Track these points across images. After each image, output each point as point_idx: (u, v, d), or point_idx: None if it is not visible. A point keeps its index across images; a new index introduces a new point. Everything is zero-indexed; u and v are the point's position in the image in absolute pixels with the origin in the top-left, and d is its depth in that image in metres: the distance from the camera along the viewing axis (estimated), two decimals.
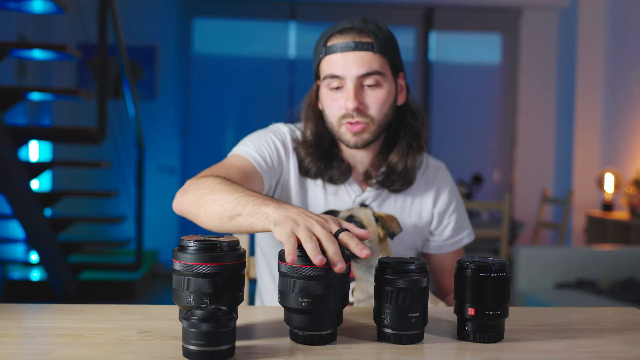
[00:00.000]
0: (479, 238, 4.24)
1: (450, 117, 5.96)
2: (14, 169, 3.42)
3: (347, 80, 1.33)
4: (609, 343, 0.97)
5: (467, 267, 0.95)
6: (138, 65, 5.73)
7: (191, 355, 0.82)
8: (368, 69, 1.33)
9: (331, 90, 1.36)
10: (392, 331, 0.93)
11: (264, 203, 1.02)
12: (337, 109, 1.35)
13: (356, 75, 1.33)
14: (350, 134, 1.35)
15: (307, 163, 1.40)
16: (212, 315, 0.82)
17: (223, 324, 0.82)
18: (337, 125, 1.37)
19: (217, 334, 0.81)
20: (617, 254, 3.66)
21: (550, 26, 5.97)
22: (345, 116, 1.34)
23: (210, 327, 0.81)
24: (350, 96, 1.32)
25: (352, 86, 1.33)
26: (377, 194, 1.43)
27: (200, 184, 1.17)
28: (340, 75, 1.33)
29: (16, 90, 3.82)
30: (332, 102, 1.36)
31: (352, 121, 1.34)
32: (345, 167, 1.41)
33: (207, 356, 0.82)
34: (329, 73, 1.35)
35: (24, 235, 3.93)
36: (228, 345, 0.83)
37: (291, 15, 5.91)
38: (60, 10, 3.31)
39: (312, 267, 0.89)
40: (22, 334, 0.98)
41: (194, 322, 0.81)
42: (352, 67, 1.32)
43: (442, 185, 1.48)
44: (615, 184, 5.02)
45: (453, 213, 1.48)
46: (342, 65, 1.33)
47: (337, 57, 1.33)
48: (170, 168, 5.84)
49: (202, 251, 0.90)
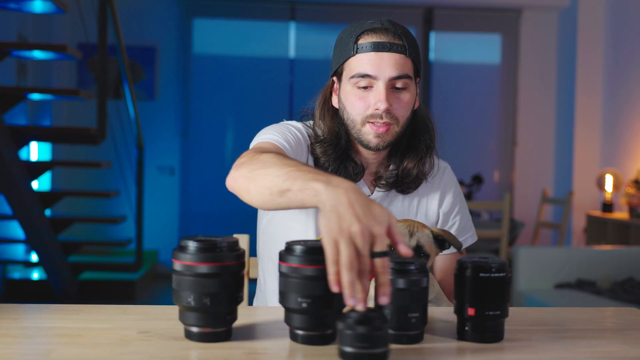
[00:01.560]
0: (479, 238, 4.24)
1: (450, 117, 5.95)
2: (15, 169, 3.42)
3: (380, 80, 1.31)
4: (609, 343, 0.97)
5: (467, 267, 0.95)
6: (138, 65, 5.72)
7: (347, 356, 0.83)
8: (400, 71, 1.32)
9: (358, 89, 1.34)
10: (392, 331, 0.93)
11: (314, 178, 0.95)
12: (364, 108, 1.33)
13: (389, 77, 1.31)
14: (374, 134, 1.34)
15: (322, 161, 1.39)
16: (367, 318, 0.82)
17: (378, 326, 0.82)
18: (360, 123, 1.34)
19: (372, 337, 0.82)
20: (617, 254, 3.66)
21: (550, 26, 5.97)
22: (372, 116, 1.33)
23: (366, 329, 0.82)
24: (382, 97, 1.31)
25: (384, 87, 1.31)
26: (385, 194, 1.42)
27: (254, 158, 1.12)
28: (374, 74, 1.31)
29: (16, 90, 3.82)
30: (358, 100, 1.34)
31: (379, 122, 1.33)
32: (359, 168, 1.40)
33: (365, 358, 0.82)
34: (359, 72, 1.32)
35: (24, 235, 3.93)
36: (383, 349, 0.83)
37: (291, 15, 5.91)
38: (60, 10, 3.31)
39: (312, 268, 0.89)
40: (22, 334, 0.98)
41: (350, 324, 0.82)
42: (386, 68, 1.31)
43: (448, 186, 1.48)
44: (615, 184, 5.02)
45: (458, 214, 1.49)
46: (375, 65, 1.31)
47: (371, 56, 1.32)
48: (170, 168, 5.84)
49: (202, 251, 0.90)
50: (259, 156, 1.11)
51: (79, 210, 5.32)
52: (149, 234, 5.40)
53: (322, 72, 1.50)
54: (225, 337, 0.94)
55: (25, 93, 3.62)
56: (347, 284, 0.83)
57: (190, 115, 5.91)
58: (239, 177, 1.11)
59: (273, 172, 1.04)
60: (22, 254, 5.00)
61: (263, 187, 1.05)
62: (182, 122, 5.90)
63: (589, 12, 5.53)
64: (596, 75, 5.57)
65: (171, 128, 5.83)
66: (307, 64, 5.87)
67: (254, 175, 1.07)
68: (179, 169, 5.86)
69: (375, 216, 0.87)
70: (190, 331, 0.93)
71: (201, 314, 0.91)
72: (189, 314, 0.92)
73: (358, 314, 0.83)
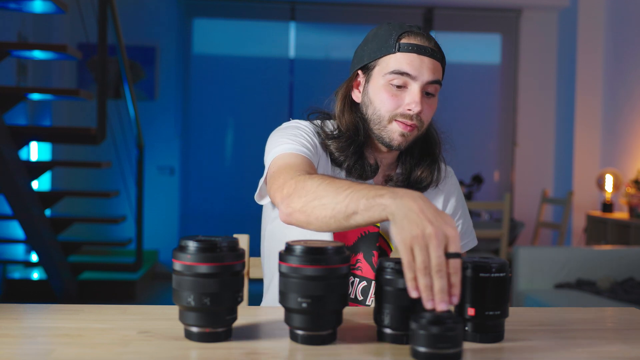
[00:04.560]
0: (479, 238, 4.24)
1: (450, 117, 5.95)
2: (15, 169, 3.42)
3: (417, 82, 1.33)
4: (609, 343, 0.97)
5: (467, 267, 0.95)
6: (138, 65, 5.72)
7: (420, 356, 0.84)
8: (436, 77, 1.35)
9: (392, 86, 1.34)
10: (392, 331, 0.93)
11: (377, 194, 0.97)
12: (394, 106, 1.34)
13: (427, 80, 1.33)
14: (400, 132, 1.34)
15: (337, 156, 1.38)
16: (440, 318, 0.84)
17: (451, 327, 0.84)
18: (387, 120, 1.35)
19: (445, 337, 0.83)
20: (617, 254, 3.66)
21: (550, 26, 5.97)
22: (403, 115, 1.34)
23: (439, 330, 0.83)
24: (418, 99, 1.33)
25: (419, 89, 1.33)
26: None
27: (300, 187, 1.11)
28: (413, 75, 1.33)
29: (16, 90, 3.82)
30: (390, 97, 1.34)
31: (408, 122, 1.34)
32: (374, 167, 1.41)
33: (438, 358, 0.83)
34: (398, 69, 1.33)
35: (24, 235, 3.93)
36: (457, 349, 0.85)
37: (291, 16, 5.91)
38: (60, 10, 3.31)
39: (312, 268, 0.89)
40: (22, 334, 0.98)
41: (423, 324, 0.84)
42: (426, 72, 1.33)
43: (452, 190, 1.50)
44: (615, 184, 5.02)
45: (460, 218, 1.50)
46: (417, 66, 1.33)
47: (413, 57, 1.33)
48: (170, 168, 5.84)
49: (202, 251, 0.90)
50: (304, 184, 1.11)
51: (79, 210, 5.32)
52: (149, 234, 5.40)
53: (322, 72, 1.51)
54: (225, 337, 0.94)
55: (25, 93, 3.62)
56: (424, 288, 0.86)
57: (190, 115, 5.91)
58: (295, 213, 1.10)
59: (331, 200, 1.04)
60: (22, 254, 5.00)
61: (326, 218, 1.05)
62: (182, 122, 5.90)
63: (589, 12, 5.53)
64: (596, 75, 5.57)
65: (171, 128, 5.83)
66: (307, 64, 5.87)
67: (311, 208, 1.07)
68: (179, 169, 5.86)
69: (445, 219, 0.90)
70: (190, 331, 0.93)
71: (201, 314, 0.91)
72: (189, 314, 0.92)
73: (431, 315, 0.84)
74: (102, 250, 5.53)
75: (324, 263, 0.89)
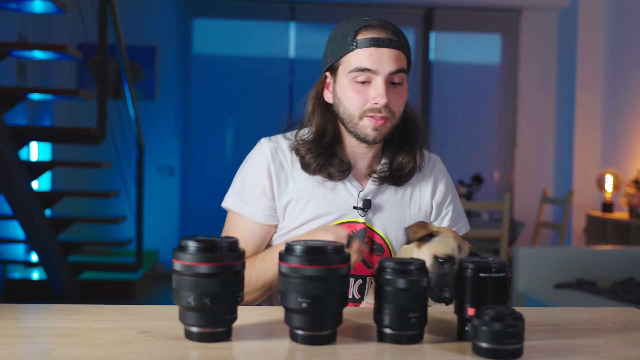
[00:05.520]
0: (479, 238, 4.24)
1: (450, 117, 5.95)
2: (14, 169, 3.42)
3: (379, 75, 1.34)
4: (609, 343, 0.97)
5: (467, 267, 0.95)
6: (138, 65, 5.72)
7: (482, 352, 0.86)
8: (398, 66, 1.35)
9: (356, 83, 1.36)
10: (392, 331, 0.93)
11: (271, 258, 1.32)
12: (362, 102, 1.36)
13: (389, 72, 1.34)
14: (372, 127, 1.36)
15: (307, 159, 1.41)
16: (502, 314, 0.86)
17: (512, 323, 0.86)
18: (357, 117, 1.37)
19: (507, 333, 0.85)
20: (617, 254, 3.66)
21: (550, 26, 5.97)
22: (372, 110, 1.35)
23: (502, 326, 0.85)
24: (382, 92, 1.34)
25: (383, 82, 1.34)
26: (378, 188, 1.44)
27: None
28: (373, 69, 1.34)
29: (16, 90, 3.82)
30: (356, 95, 1.36)
31: (377, 116, 1.35)
32: (345, 165, 1.41)
33: (500, 353, 0.86)
34: (359, 66, 1.34)
35: (24, 235, 3.93)
36: (518, 345, 0.87)
37: (291, 16, 5.91)
38: (60, 10, 3.31)
39: (312, 268, 0.89)
40: (22, 334, 0.98)
41: (486, 320, 0.86)
42: (386, 63, 1.34)
43: (439, 177, 1.50)
44: (615, 184, 5.02)
45: (450, 204, 1.51)
46: (376, 60, 1.34)
47: (372, 52, 1.34)
48: (170, 168, 5.84)
49: (202, 251, 0.90)
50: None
51: (79, 210, 5.32)
52: (149, 234, 5.40)
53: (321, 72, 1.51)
54: (225, 337, 0.94)
55: (25, 93, 3.62)
56: None
57: (190, 115, 5.91)
58: None
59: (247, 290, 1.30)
60: (22, 254, 5.00)
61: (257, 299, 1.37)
62: (182, 122, 5.90)
63: (589, 12, 5.53)
64: (596, 75, 5.57)
65: (171, 128, 5.83)
66: (307, 64, 5.87)
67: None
68: (179, 169, 5.86)
69: None
70: (190, 331, 0.93)
71: (201, 314, 0.91)
72: (189, 314, 0.92)
73: (493, 311, 0.86)
74: (102, 250, 5.53)
75: (324, 263, 0.89)
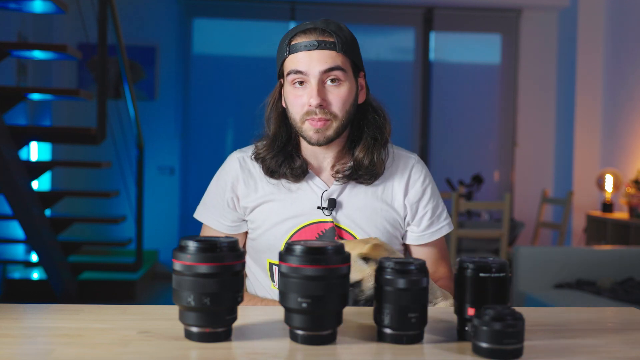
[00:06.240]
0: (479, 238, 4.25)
1: (450, 117, 5.95)
2: (14, 169, 3.42)
3: (311, 77, 1.36)
4: (609, 343, 0.97)
5: (467, 267, 0.95)
6: (138, 65, 5.72)
7: (482, 352, 0.87)
8: (331, 64, 1.36)
9: (294, 88, 1.39)
10: (392, 331, 0.93)
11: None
12: (300, 106, 1.39)
13: (319, 71, 1.36)
14: (313, 130, 1.38)
15: (267, 163, 1.44)
16: (502, 314, 0.86)
17: (512, 323, 0.86)
18: (300, 122, 1.40)
19: (507, 333, 0.86)
20: (617, 254, 3.66)
21: (550, 26, 5.96)
22: (308, 113, 1.37)
23: (502, 326, 0.85)
24: (314, 92, 1.36)
25: (315, 83, 1.36)
26: (343, 187, 1.45)
27: None
28: (304, 71, 1.37)
29: (16, 90, 3.82)
30: (295, 99, 1.39)
31: (314, 118, 1.37)
32: (300, 163, 1.44)
33: (500, 353, 0.86)
34: (292, 69, 1.38)
35: (24, 235, 3.93)
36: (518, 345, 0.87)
37: (291, 16, 5.91)
38: (60, 10, 3.31)
39: (312, 268, 0.89)
40: (22, 334, 0.98)
41: (486, 320, 0.86)
42: (316, 64, 1.36)
43: (415, 177, 1.49)
44: (615, 184, 5.02)
45: (429, 202, 1.49)
46: (305, 62, 1.37)
47: (301, 55, 1.37)
48: (170, 168, 5.84)
49: (202, 251, 0.90)
50: None
51: (79, 210, 5.32)
52: (149, 234, 5.40)
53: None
54: (225, 337, 0.94)
55: (25, 93, 3.62)
56: None
57: (190, 115, 5.91)
58: None
59: None
60: (22, 254, 5.00)
61: None
62: (182, 122, 5.90)
63: (589, 12, 5.53)
64: (596, 75, 5.57)
65: (171, 128, 5.83)
66: None
67: None
68: (179, 169, 5.86)
69: None
70: (190, 331, 0.93)
71: (201, 314, 0.91)
72: (189, 314, 0.92)
73: (493, 311, 0.86)
74: (102, 250, 5.53)
75: (324, 263, 0.89)
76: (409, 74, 5.99)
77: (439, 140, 5.94)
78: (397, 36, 6.08)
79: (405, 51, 6.04)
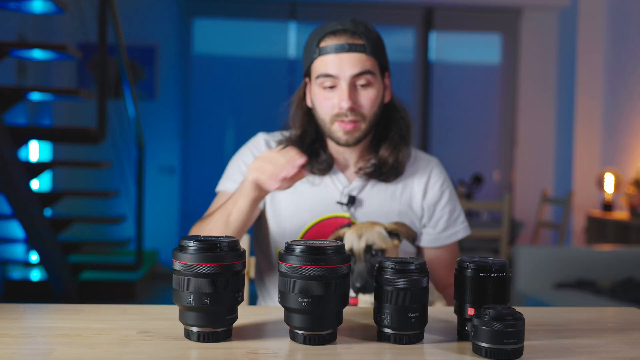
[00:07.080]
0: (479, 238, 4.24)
1: (450, 117, 5.95)
2: (14, 169, 3.42)
3: (341, 80, 1.37)
4: (609, 343, 0.97)
5: (467, 267, 0.95)
6: (138, 65, 5.72)
7: (482, 352, 0.87)
8: (361, 68, 1.37)
9: (324, 89, 1.39)
10: (392, 331, 0.93)
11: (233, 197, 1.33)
12: (330, 108, 1.39)
13: (350, 75, 1.37)
14: (342, 132, 1.40)
15: None
16: (501, 314, 0.87)
17: (512, 323, 0.86)
18: (329, 122, 1.41)
19: (507, 333, 0.86)
20: (617, 254, 3.66)
21: (550, 26, 5.97)
22: (338, 115, 1.39)
23: (501, 325, 0.86)
24: (345, 96, 1.36)
25: (346, 86, 1.37)
26: (364, 184, 1.47)
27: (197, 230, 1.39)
28: (335, 74, 1.37)
29: (16, 90, 3.81)
30: (324, 101, 1.40)
31: (345, 120, 1.38)
32: (326, 158, 1.45)
33: (500, 353, 0.86)
34: (322, 72, 1.38)
35: (24, 235, 3.93)
36: (518, 345, 0.87)
37: (291, 15, 5.91)
38: (60, 10, 3.31)
39: (312, 267, 0.89)
40: (22, 334, 0.98)
41: (486, 320, 0.86)
42: (346, 68, 1.37)
43: (432, 179, 1.51)
44: (615, 184, 5.02)
45: (446, 205, 1.50)
46: (336, 65, 1.37)
47: (332, 58, 1.38)
48: (170, 168, 5.83)
49: (202, 251, 0.90)
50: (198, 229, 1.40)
51: (79, 210, 5.32)
52: (149, 234, 5.40)
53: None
54: (225, 337, 0.94)
55: (25, 93, 3.62)
56: None
57: (190, 115, 5.91)
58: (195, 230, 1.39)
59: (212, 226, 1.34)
60: (22, 254, 5.00)
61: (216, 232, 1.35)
62: (182, 122, 5.90)
63: (589, 12, 5.53)
64: (596, 75, 5.57)
65: (171, 128, 5.83)
66: None
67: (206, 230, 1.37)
68: (179, 169, 5.86)
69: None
70: (190, 331, 0.93)
71: (201, 314, 0.91)
72: (189, 313, 0.92)
73: (493, 311, 0.86)
74: (102, 250, 5.53)
75: (324, 263, 0.89)
76: (409, 74, 5.99)
77: (439, 140, 5.94)
78: (397, 36, 6.08)
79: (405, 51, 6.04)
